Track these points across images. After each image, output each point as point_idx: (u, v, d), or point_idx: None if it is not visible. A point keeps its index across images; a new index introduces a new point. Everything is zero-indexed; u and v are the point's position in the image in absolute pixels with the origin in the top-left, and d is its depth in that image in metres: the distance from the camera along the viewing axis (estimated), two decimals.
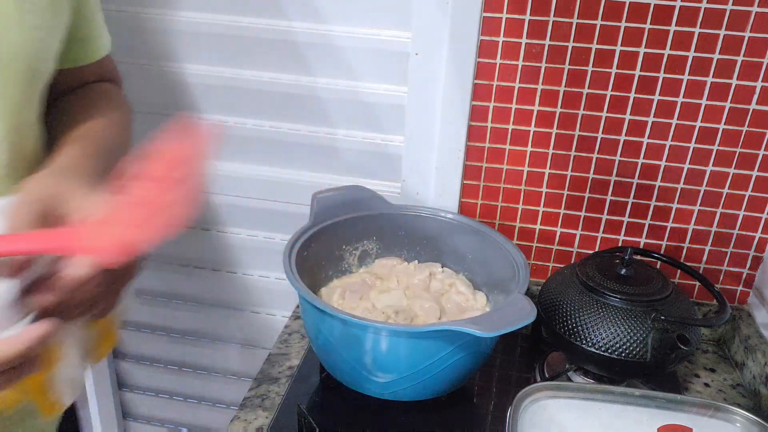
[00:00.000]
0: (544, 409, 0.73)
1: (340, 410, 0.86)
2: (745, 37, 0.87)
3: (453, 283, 0.97)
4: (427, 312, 0.90)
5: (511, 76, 0.95)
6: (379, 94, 1.04)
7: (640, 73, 0.92)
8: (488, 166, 1.02)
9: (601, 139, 0.97)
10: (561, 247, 1.05)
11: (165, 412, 1.45)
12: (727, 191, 0.96)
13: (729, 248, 1.00)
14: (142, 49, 1.10)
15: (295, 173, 1.14)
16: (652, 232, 1.01)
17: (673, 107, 0.93)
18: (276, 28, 1.03)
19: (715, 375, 0.97)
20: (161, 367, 1.39)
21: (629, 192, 0.99)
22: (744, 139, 0.93)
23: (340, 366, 0.82)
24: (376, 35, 1.01)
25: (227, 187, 1.17)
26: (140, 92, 1.14)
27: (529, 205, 1.03)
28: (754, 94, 0.90)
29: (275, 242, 1.21)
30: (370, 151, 1.09)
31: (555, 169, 1.00)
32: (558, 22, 0.91)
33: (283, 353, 0.97)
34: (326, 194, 0.96)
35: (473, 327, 0.70)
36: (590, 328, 0.84)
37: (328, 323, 0.79)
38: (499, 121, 0.99)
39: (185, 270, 1.28)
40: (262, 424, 0.83)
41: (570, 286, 0.89)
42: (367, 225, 1.00)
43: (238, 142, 1.13)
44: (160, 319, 1.34)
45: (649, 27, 0.89)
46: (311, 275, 0.92)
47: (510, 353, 1.01)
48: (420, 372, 0.78)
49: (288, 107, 1.09)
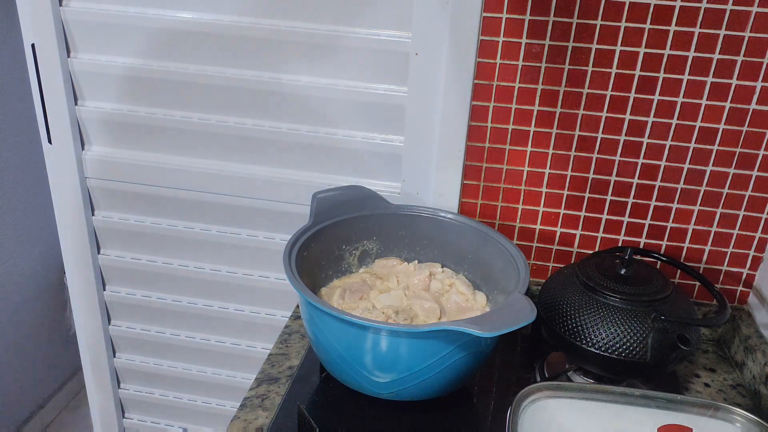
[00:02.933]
0: (544, 409, 0.73)
1: (340, 410, 0.86)
2: (745, 37, 0.87)
3: (453, 283, 0.97)
4: (427, 312, 0.90)
5: (511, 76, 0.95)
6: (379, 94, 1.04)
7: (640, 73, 0.92)
8: (488, 166, 1.02)
9: (601, 139, 0.97)
10: (561, 247, 1.05)
11: (164, 412, 1.45)
12: (727, 191, 0.96)
13: (729, 248, 1.00)
14: (143, 49, 1.11)
15: (295, 173, 1.14)
16: (652, 232, 1.01)
17: (673, 107, 0.93)
18: (277, 28, 1.03)
19: (715, 375, 0.97)
20: (160, 367, 1.39)
21: (629, 192, 0.99)
22: (744, 139, 0.93)
23: (340, 366, 0.82)
24: (377, 35, 1.01)
25: (227, 187, 1.17)
26: (141, 92, 1.14)
27: (529, 205, 1.03)
28: (754, 94, 0.90)
29: (275, 242, 1.21)
30: (371, 151, 1.09)
31: (555, 169, 1.00)
32: (558, 22, 0.91)
33: (283, 353, 0.97)
34: (326, 194, 0.96)
35: (473, 327, 0.70)
36: (590, 328, 0.84)
37: (328, 323, 0.79)
38: (499, 121, 0.99)
39: (184, 270, 1.28)
40: (262, 424, 0.83)
41: (570, 286, 0.89)
42: (367, 225, 1.00)
43: (238, 142, 1.13)
44: (159, 319, 1.34)
45: (649, 27, 0.89)
46: (311, 275, 0.92)
47: (510, 353, 1.01)
48: (420, 372, 0.78)
49: (288, 107, 1.09)
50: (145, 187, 1.21)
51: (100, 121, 1.18)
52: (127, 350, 1.40)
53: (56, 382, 1.73)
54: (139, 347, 1.39)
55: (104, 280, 1.34)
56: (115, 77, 1.14)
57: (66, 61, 1.13)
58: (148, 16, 1.07)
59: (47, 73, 1.13)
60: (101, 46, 1.12)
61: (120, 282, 1.33)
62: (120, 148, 1.20)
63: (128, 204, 1.24)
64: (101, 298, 1.34)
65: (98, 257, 1.31)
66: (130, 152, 1.20)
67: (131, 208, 1.25)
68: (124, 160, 1.19)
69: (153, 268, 1.29)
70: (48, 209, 1.56)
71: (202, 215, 1.22)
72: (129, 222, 1.26)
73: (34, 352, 1.62)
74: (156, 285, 1.31)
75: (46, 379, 1.68)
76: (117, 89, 1.15)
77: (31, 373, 1.62)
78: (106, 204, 1.26)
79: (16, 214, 1.48)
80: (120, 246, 1.29)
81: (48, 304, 1.64)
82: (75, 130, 1.18)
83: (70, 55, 1.14)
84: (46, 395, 1.70)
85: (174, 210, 1.23)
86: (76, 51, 1.14)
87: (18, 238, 1.50)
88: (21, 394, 1.60)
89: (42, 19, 1.09)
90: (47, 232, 1.58)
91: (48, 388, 1.71)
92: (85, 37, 1.12)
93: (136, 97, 1.15)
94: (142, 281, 1.32)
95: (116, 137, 1.19)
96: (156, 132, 1.16)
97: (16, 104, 1.42)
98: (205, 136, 1.15)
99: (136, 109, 1.16)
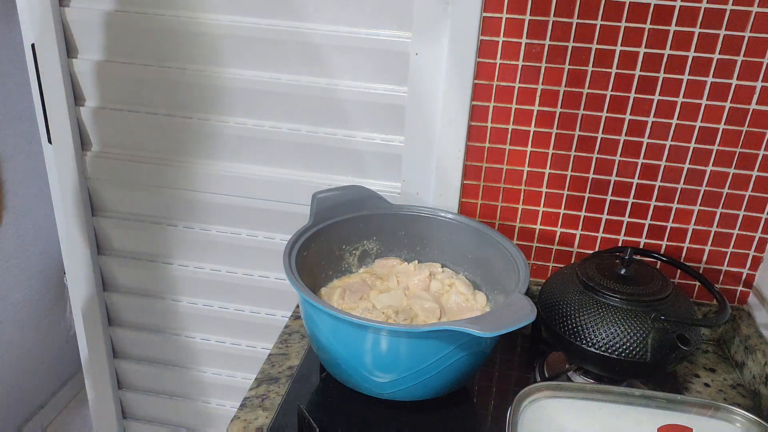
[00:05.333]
0: (544, 409, 0.73)
1: (340, 410, 0.86)
2: (745, 37, 0.87)
3: (453, 283, 0.97)
4: (427, 312, 0.90)
5: (511, 76, 0.95)
6: (379, 94, 1.04)
7: (640, 73, 0.92)
8: (488, 166, 1.02)
9: (601, 139, 0.97)
10: (561, 247, 1.05)
11: (164, 412, 1.45)
12: (727, 191, 0.96)
13: (729, 248, 1.00)
14: (143, 49, 1.11)
15: (295, 173, 1.14)
16: (652, 232, 1.01)
17: (673, 107, 0.93)
18: (277, 28, 1.03)
19: (715, 375, 0.97)
20: (160, 367, 1.39)
21: (629, 192, 0.99)
22: (744, 139, 0.93)
23: (340, 366, 0.82)
24: (377, 35, 1.01)
25: (227, 187, 1.17)
26: (141, 92, 1.14)
27: (529, 205, 1.03)
28: (754, 94, 0.90)
29: (275, 242, 1.21)
30: (371, 151, 1.09)
31: (555, 169, 1.00)
32: (558, 21, 0.91)
33: (283, 353, 0.97)
34: (326, 194, 0.96)
35: (473, 327, 0.70)
36: (590, 328, 0.84)
37: (328, 323, 0.79)
38: (499, 121, 0.99)
39: (184, 270, 1.28)
40: (262, 424, 0.83)
41: (570, 286, 0.89)
42: (367, 225, 1.00)
43: (238, 142, 1.14)
44: (159, 319, 1.34)
45: (649, 27, 0.89)
46: (311, 275, 0.92)
47: (510, 353, 1.01)
48: (420, 372, 0.78)
49: (288, 107, 1.09)
50: (145, 187, 1.21)
51: (101, 122, 1.18)
52: (126, 350, 1.40)
53: (56, 383, 1.73)
54: (139, 347, 1.39)
55: (104, 280, 1.34)
56: (115, 78, 1.14)
57: (66, 62, 1.13)
58: (149, 17, 1.08)
59: (47, 73, 1.13)
60: (101, 46, 1.12)
61: (120, 282, 1.33)
62: (120, 149, 1.20)
63: (128, 204, 1.24)
64: (101, 299, 1.34)
65: (98, 257, 1.31)
66: (130, 152, 1.20)
67: (131, 209, 1.25)
68: (125, 160, 1.19)
69: (153, 268, 1.29)
70: (48, 209, 1.56)
71: (202, 215, 1.22)
72: (129, 222, 1.26)
73: (35, 352, 1.62)
74: (156, 285, 1.31)
75: (46, 379, 1.68)
76: (117, 90, 1.15)
77: (32, 373, 1.63)
78: (106, 204, 1.26)
79: (16, 214, 1.48)
80: (120, 246, 1.29)
81: (48, 304, 1.64)
82: (75, 131, 1.18)
83: (70, 55, 1.14)
84: (47, 395, 1.70)
85: (174, 210, 1.23)
86: (77, 51, 1.14)
87: (18, 238, 1.50)
88: (21, 394, 1.60)
89: (42, 19, 1.09)
90: (47, 232, 1.58)
91: (48, 389, 1.71)
92: (86, 37, 1.12)
93: (136, 98, 1.15)
94: (142, 281, 1.32)
95: (116, 137, 1.19)
96: (156, 132, 1.16)
97: (16, 104, 1.42)
98: (206, 136, 1.15)
99: (136, 109, 1.16)
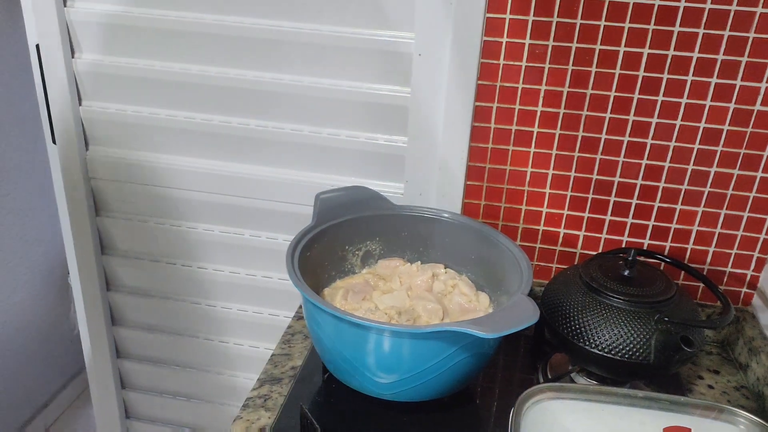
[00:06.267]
0: (546, 411, 0.72)
1: (343, 411, 0.86)
2: (750, 37, 0.87)
3: (456, 284, 0.97)
4: (430, 313, 0.90)
5: (515, 77, 0.95)
6: (382, 95, 1.04)
7: (644, 73, 0.91)
8: (491, 166, 1.02)
9: (605, 140, 0.97)
10: (564, 248, 1.05)
11: (167, 412, 1.45)
12: (731, 192, 0.96)
13: (733, 250, 1.00)
14: (147, 50, 1.11)
15: (298, 174, 1.14)
16: (655, 233, 1.01)
17: (677, 108, 0.93)
18: (280, 29, 1.04)
19: (718, 377, 0.97)
20: (164, 367, 1.40)
21: (633, 193, 0.99)
22: (748, 140, 0.93)
23: (342, 367, 0.82)
24: (380, 36, 1.01)
25: (230, 188, 1.17)
26: (144, 92, 1.14)
27: (532, 206, 1.03)
28: (759, 95, 0.90)
29: (278, 242, 1.21)
30: (374, 152, 1.09)
31: (558, 170, 1.00)
32: (561, 22, 0.91)
33: (286, 354, 0.97)
34: (329, 195, 0.96)
35: (476, 328, 0.70)
36: (593, 329, 0.84)
37: (330, 324, 0.79)
38: (503, 121, 0.98)
39: (188, 270, 1.28)
40: (264, 425, 0.83)
41: (573, 287, 0.89)
42: (370, 225, 1.00)
43: (241, 142, 1.14)
44: (163, 319, 1.35)
45: (653, 28, 0.89)
46: (314, 276, 0.92)
47: (513, 354, 1.01)
48: (422, 373, 0.78)
49: (291, 108, 1.09)
50: (148, 187, 1.21)
51: (104, 122, 1.18)
52: (130, 350, 1.40)
53: (60, 382, 1.73)
54: (142, 347, 1.39)
55: (108, 280, 1.34)
56: (118, 78, 1.14)
57: (70, 62, 1.14)
58: (152, 17, 1.08)
59: (51, 73, 1.13)
60: (105, 46, 1.12)
61: (123, 282, 1.33)
62: (124, 149, 1.20)
63: (132, 205, 1.25)
64: (105, 299, 1.34)
65: (102, 258, 1.31)
66: (134, 152, 1.20)
67: (135, 209, 1.25)
68: (128, 160, 1.20)
69: (156, 268, 1.29)
70: (52, 209, 1.56)
71: (205, 215, 1.22)
72: (132, 222, 1.26)
73: (38, 352, 1.62)
74: (159, 285, 1.31)
75: (49, 378, 1.69)
76: (121, 90, 1.15)
77: (35, 372, 1.63)
78: (110, 204, 1.26)
79: (20, 214, 1.49)
80: (124, 246, 1.30)
81: (52, 304, 1.64)
82: (79, 131, 1.19)
83: (74, 55, 1.14)
84: (50, 395, 1.70)
85: (177, 210, 1.23)
86: (81, 51, 1.14)
87: (22, 238, 1.50)
88: (24, 394, 1.61)
89: (46, 19, 1.09)
90: (51, 232, 1.58)
91: (51, 388, 1.71)
92: (90, 37, 1.12)
93: (139, 98, 1.15)
94: (145, 281, 1.32)
95: (120, 138, 1.19)
96: (160, 132, 1.17)
97: (21, 105, 1.43)
98: (208, 136, 1.15)
99: (139, 109, 1.16)
